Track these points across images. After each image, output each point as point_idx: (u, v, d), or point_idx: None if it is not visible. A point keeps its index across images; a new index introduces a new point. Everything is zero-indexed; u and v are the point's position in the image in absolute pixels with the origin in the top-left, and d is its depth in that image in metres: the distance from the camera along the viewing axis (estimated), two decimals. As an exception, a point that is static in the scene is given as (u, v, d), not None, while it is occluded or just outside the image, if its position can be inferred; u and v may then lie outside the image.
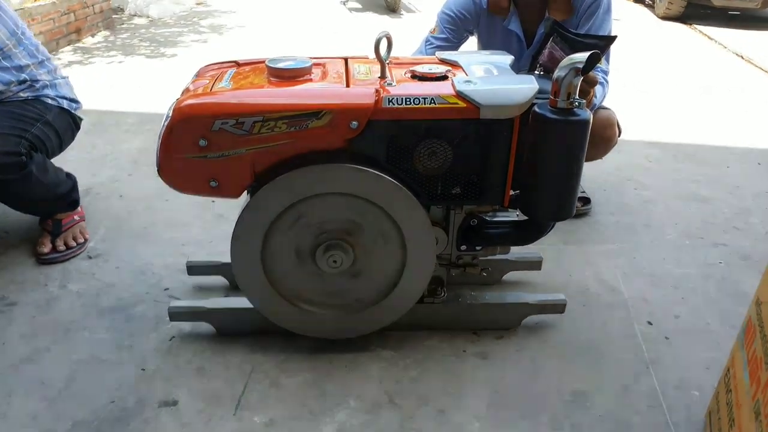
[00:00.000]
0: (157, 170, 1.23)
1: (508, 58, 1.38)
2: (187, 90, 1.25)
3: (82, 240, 1.84)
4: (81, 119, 1.89)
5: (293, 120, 1.15)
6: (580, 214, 2.05)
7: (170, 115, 1.17)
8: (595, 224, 2.03)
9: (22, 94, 1.72)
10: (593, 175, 2.28)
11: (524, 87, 1.20)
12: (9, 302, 1.61)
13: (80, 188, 1.91)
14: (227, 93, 1.19)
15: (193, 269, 1.64)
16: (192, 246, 1.86)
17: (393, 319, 1.39)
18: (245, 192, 1.27)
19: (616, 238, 1.95)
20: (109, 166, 2.35)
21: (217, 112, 1.14)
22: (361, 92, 1.18)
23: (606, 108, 1.88)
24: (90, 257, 1.80)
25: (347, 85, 1.22)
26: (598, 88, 1.70)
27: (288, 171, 1.19)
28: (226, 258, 1.60)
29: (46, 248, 1.78)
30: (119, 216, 2.02)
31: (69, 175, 1.86)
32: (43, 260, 1.76)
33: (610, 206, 2.14)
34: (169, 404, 1.30)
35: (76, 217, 1.87)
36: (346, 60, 1.38)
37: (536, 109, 1.21)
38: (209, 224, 1.96)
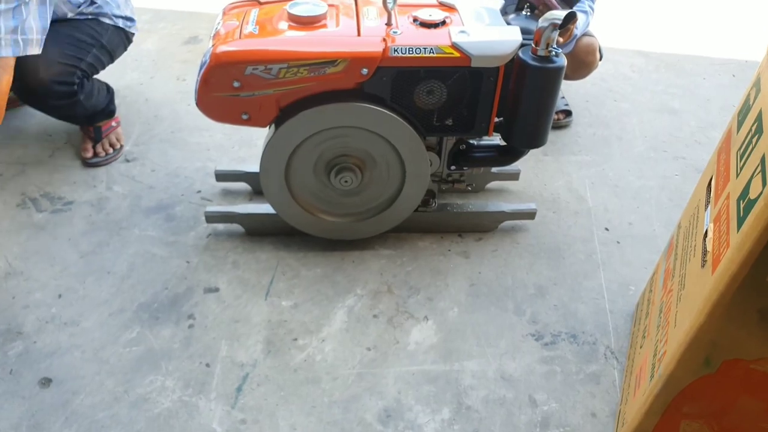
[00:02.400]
0: (196, 103, 1.44)
1: (498, 2, 1.54)
2: (218, 34, 1.42)
3: (118, 145, 2.06)
4: (134, 34, 2.02)
5: (313, 67, 1.35)
6: (562, 126, 2.27)
7: (208, 60, 1.36)
8: (574, 136, 2.25)
9: (84, 11, 1.84)
10: (578, 85, 2.46)
11: (510, 40, 1.38)
12: (66, 201, 1.87)
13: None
14: (257, 41, 1.37)
15: (220, 176, 1.89)
16: (216, 151, 2.09)
17: (393, 225, 1.68)
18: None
19: (591, 149, 2.19)
20: (132, 68, 2.50)
21: (248, 59, 1.33)
22: (371, 42, 1.36)
23: (590, 35, 2.04)
24: (128, 160, 2.04)
25: (358, 33, 1.40)
26: (581, 17, 1.86)
27: (308, 107, 1.41)
28: (248, 165, 1.87)
29: (89, 153, 2.01)
30: (148, 120, 2.23)
31: (108, 89, 2.03)
32: (88, 164, 2.00)
33: (590, 118, 2.35)
34: (212, 290, 1.62)
35: (113, 123, 2.08)
36: (356, 1, 1.53)
37: (519, 54, 1.40)
38: (229, 130, 2.17)
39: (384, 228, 1.69)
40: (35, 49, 1.60)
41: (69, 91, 1.78)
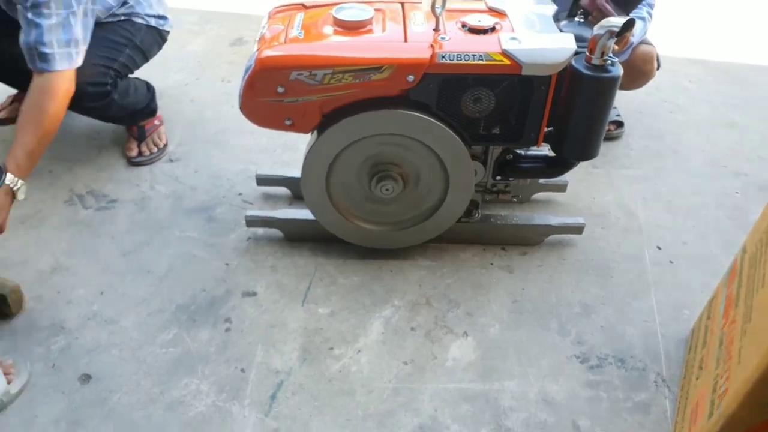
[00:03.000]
0: (240, 107, 1.45)
1: (550, 8, 1.49)
2: (263, 38, 1.43)
3: (162, 144, 2.10)
4: (168, 32, 2.06)
5: (358, 73, 1.34)
6: (613, 138, 2.20)
7: (252, 64, 1.36)
8: (625, 148, 2.18)
9: (116, 12, 1.88)
10: (631, 94, 2.38)
11: (563, 48, 1.34)
12: (111, 200, 1.91)
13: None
14: (302, 45, 1.37)
15: (262, 180, 1.90)
16: (259, 154, 2.11)
17: (433, 236, 1.66)
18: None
19: (643, 163, 2.11)
20: (177, 69, 2.55)
21: (293, 64, 1.33)
22: (418, 48, 1.34)
23: (648, 43, 1.97)
24: (171, 160, 2.08)
25: (405, 39, 1.38)
26: (638, 24, 1.79)
27: (351, 114, 1.40)
28: (289, 170, 1.87)
29: (134, 152, 2.05)
30: (192, 120, 2.26)
31: (149, 87, 2.08)
32: (133, 163, 2.04)
33: (643, 130, 2.27)
34: (250, 294, 1.62)
35: (156, 122, 2.12)
36: (402, 5, 1.51)
37: (573, 63, 1.36)
38: (273, 133, 2.15)
39: (425, 238, 1.66)
40: (81, 60, 1.64)
41: (102, 92, 1.80)
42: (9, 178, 1.46)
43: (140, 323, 1.54)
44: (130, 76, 1.98)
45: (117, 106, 1.89)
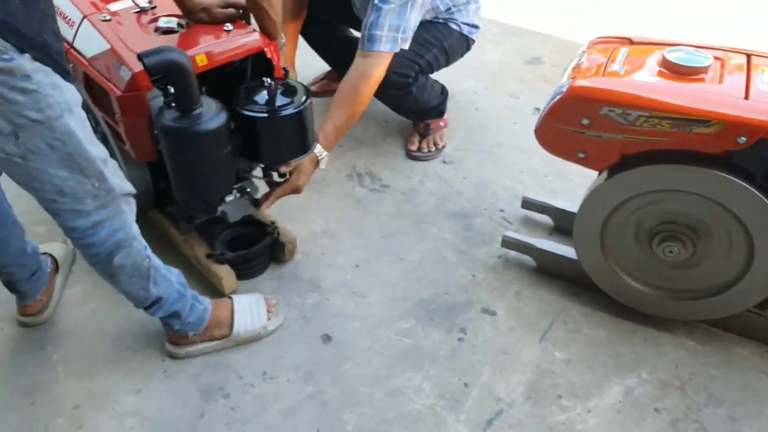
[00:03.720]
0: (535, 129, 1.45)
1: None
2: (579, 66, 1.40)
3: (441, 145, 2.21)
4: (474, 41, 2.16)
5: (678, 122, 1.24)
6: None
7: (564, 90, 1.35)
8: None
9: (439, 15, 2.02)
10: None
11: None
12: (384, 184, 2.08)
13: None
14: (620, 80, 1.32)
15: (526, 204, 1.88)
16: (529, 175, 2.10)
17: (710, 318, 1.47)
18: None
19: None
20: (471, 75, 2.65)
21: (607, 99, 1.29)
22: (761, 109, 1.19)
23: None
24: (445, 162, 2.18)
25: (746, 96, 1.24)
26: None
27: (655, 162, 1.31)
28: (557, 199, 1.83)
29: (414, 146, 2.19)
30: (473, 128, 2.34)
31: (443, 90, 2.20)
32: (411, 156, 2.19)
33: None
34: (489, 313, 1.63)
35: (441, 123, 2.24)
36: (749, 57, 1.36)
37: None
38: (549, 158, 2.13)
39: (699, 316, 1.49)
40: (405, 47, 1.79)
41: (404, 83, 1.94)
42: (318, 148, 1.66)
43: (384, 304, 1.65)
44: (429, 75, 2.12)
45: (412, 99, 2.04)
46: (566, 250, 1.64)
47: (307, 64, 2.74)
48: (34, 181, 1.07)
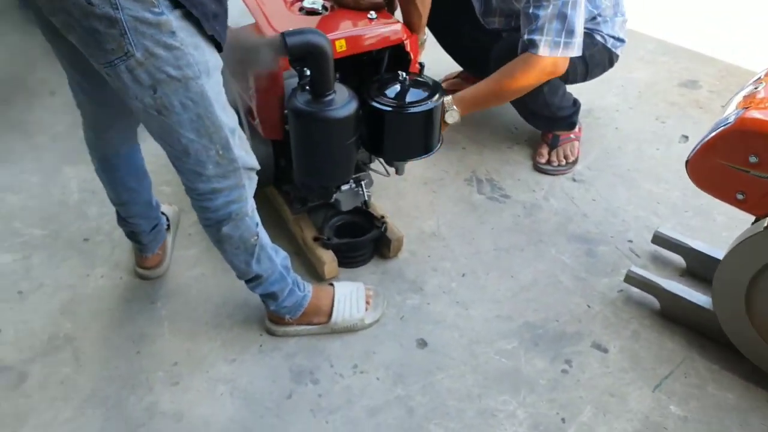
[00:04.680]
0: (687, 160, 1.33)
1: None
2: (753, 96, 1.27)
3: (572, 159, 2.11)
4: (618, 56, 2.05)
5: None
6: None
7: (732, 121, 1.22)
8: None
9: (585, 25, 1.93)
10: None
11: None
12: (504, 194, 2.02)
13: (583, 108, 2.14)
14: (804, 118, 1.18)
15: (658, 239, 1.74)
16: (666, 207, 1.95)
17: None
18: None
19: None
20: (615, 93, 2.51)
21: (785, 136, 1.16)
22: None
23: None
24: (574, 180, 2.07)
25: None
26: None
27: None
28: (694, 239, 1.69)
29: (543, 158, 2.11)
30: (610, 148, 2.21)
31: (575, 102, 2.09)
32: (537, 167, 2.11)
33: None
34: (600, 349, 1.53)
35: (572, 136, 2.13)
36: None
37: None
38: (691, 193, 1.99)
39: None
40: (573, 52, 1.72)
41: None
42: (448, 100, 1.65)
43: (486, 320, 1.60)
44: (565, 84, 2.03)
45: (542, 101, 1.95)
46: (698, 297, 1.51)
47: (441, 59, 2.73)
48: (165, 136, 1.12)
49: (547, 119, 2.09)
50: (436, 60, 2.62)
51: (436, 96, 1.37)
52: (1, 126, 2.29)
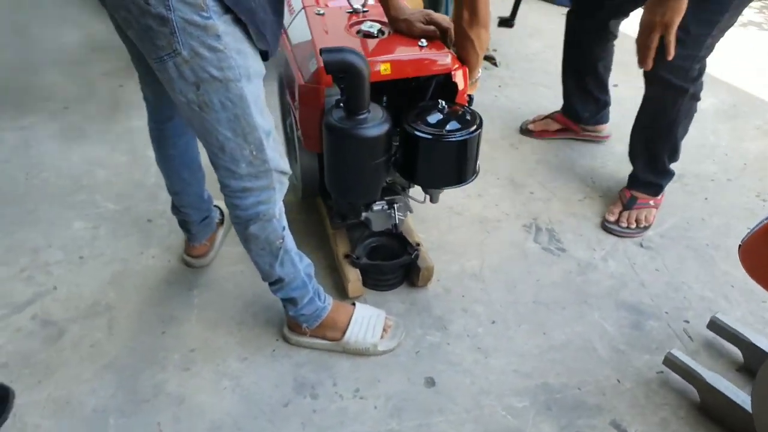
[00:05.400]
0: (739, 247, 1.22)
1: None
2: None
3: (643, 225, 1.99)
4: None
5: None
6: None
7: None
8: None
9: None
10: None
11: None
12: (561, 247, 1.94)
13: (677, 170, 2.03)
14: None
15: (715, 326, 1.59)
16: (740, 293, 1.78)
17: None
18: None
19: None
20: (715, 160, 2.34)
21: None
22: None
23: None
24: (641, 246, 1.95)
25: None
26: None
27: None
28: (759, 332, 1.52)
29: (613, 217, 2.01)
30: (692, 219, 2.06)
31: (671, 171, 1.98)
32: (605, 226, 2.00)
33: None
34: (619, 429, 1.42)
35: (651, 203, 2.01)
36: None
37: None
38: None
39: None
40: None
41: (679, 86, 1.80)
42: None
43: (503, 372, 1.55)
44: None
45: (675, 116, 1.86)
46: (742, 397, 1.37)
47: (533, 100, 2.70)
48: (204, 132, 1.21)
49: (648, 158, 1.98)
50: (526, 101, 2.60)
51: (473, 128, 1.36)
52: (111, 106, 2.57)
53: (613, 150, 2.37)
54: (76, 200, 2.06)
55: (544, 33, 3.38)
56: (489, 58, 2.98)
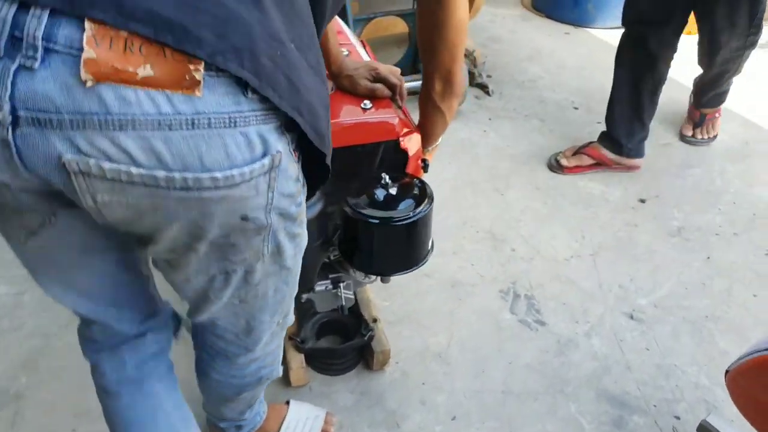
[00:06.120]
0: (726, 372, 1.02)
1: None
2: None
3: (713, 134, 2.27)
4: None
5: None
6: None
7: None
8: None
9: None
10: None
11: None
12: (539, 320, 1.74)
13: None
14: None
15: (704, 430, 1.39)
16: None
17: None
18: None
19: None
20: (721, 209, 2.12)
21: None
22: None
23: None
24: (631, 317, 1.74)
25: None
26: None
27: None
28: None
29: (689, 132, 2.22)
30: (690, 283, 1.85)
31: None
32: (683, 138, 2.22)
33: None
34: None
35: (716, 115, 2.28)
36: None
37: None
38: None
39: None
40: None
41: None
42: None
43: (459, 485, 1.36)
44: None
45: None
46: None
47: (524, 135, 2.51)
48: (229, 318, 0.90)
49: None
50: (516, 138, 2.41)
51: (422, 205, 1.15)
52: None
53: (608, 197, 2.16)
54: (1, 259, 1.89)
55: (543, 56, 3.16)
56: (482, 87, 2.78)
